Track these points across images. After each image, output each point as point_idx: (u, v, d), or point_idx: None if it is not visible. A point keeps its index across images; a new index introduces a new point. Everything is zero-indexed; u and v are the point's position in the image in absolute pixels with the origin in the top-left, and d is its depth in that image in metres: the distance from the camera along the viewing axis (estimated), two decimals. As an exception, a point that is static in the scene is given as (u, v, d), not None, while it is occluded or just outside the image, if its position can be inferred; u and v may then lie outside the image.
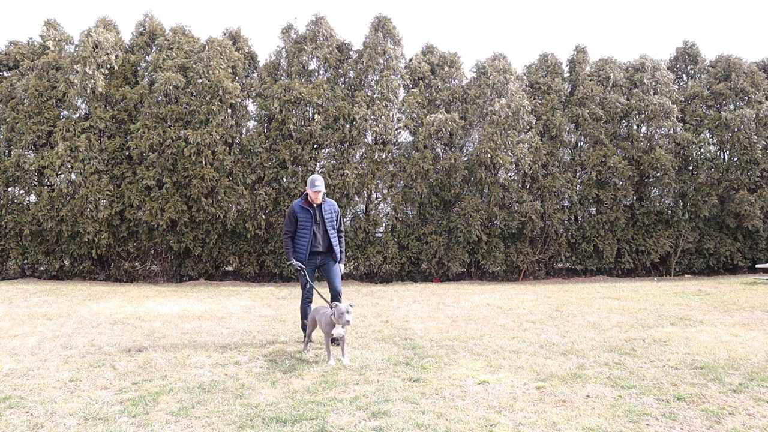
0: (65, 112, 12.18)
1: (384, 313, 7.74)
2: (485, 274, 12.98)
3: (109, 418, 3.71)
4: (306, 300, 5.72)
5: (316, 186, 5.51)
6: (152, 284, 11.78)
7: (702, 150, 13.09)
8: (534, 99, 12.79)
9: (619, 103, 12.74)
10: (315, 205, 5.66)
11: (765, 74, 13.34)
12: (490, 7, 48.71)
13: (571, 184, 12.57)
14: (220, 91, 11.61)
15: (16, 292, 9.82)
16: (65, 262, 12.59)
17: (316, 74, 12.58)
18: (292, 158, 11.95)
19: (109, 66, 12.10)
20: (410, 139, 12.62)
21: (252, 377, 4.61)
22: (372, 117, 11.96)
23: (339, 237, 5.85)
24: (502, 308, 8.06)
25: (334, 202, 5.86)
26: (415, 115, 12.32)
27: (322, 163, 12.26)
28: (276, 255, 12.34)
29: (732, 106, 13.11)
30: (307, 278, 5.59)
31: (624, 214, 12.73)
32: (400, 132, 12.69)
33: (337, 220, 5.80)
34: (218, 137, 11.51)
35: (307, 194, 5.64)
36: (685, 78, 14.06)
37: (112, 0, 46.28)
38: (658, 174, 12.64)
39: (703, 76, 13.71)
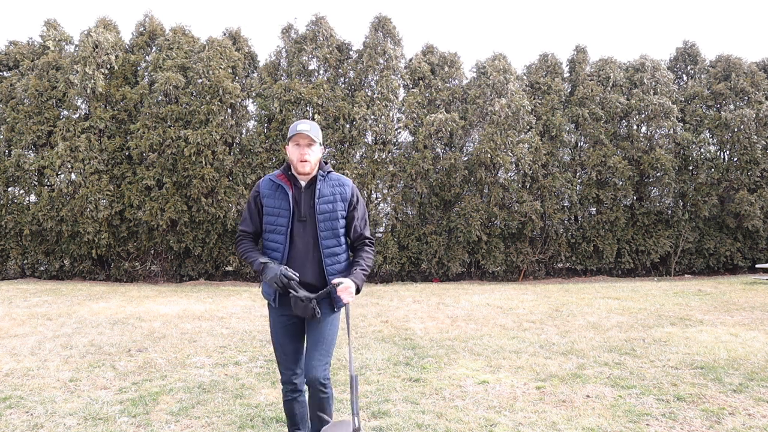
0: (65, 112, 12.17)
1: (384, 313, 7.74)
2: (485, 274, 12.98)
3: (109, 418, 3.71)
4: (288, 391, 2.95)
5: (300, 129, 2.78)
6: (152, 284, 11.78)
7: (702, 150, 13.09)
8: (534, 99, 12.78)
9: (619, 103, 12.73)
10: (299, 178, 2.89)
11: (765, 74, 13.34)
12: (490, 7, 48.71)
13: (571, 184, 12.56)
14: (220, 91, 11.61)
15: (16, 292, 9.81)
16: (65, 262, 12.58)
17: (316, 74, 12.58)
18: (292, 158, 11.94)
19: (109, 66, 12.10)
20: (410, 139, 12.62)
21: (252, 377, 4.61)
22: (372, 117, 11.96)
23: (362, 251, 2.94)
24: (502, 308, 8.06)
25: (347, 182, 2.96)
26: (415, 115, 12.32)
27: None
28: (276, 255, 12.34)
29: (732, 106, 13.10)
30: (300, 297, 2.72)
31: (624, 214, 12.73)
32: (400, 132, 12.69)
33: (347, 215, 2.93)
34: (218, 137, 11.50)
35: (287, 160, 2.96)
36: (685, 78, 14.05)
37: (112, 0, 46.29)
38: (658, 174, 12.63)
39: (703, 76, 13.70)
